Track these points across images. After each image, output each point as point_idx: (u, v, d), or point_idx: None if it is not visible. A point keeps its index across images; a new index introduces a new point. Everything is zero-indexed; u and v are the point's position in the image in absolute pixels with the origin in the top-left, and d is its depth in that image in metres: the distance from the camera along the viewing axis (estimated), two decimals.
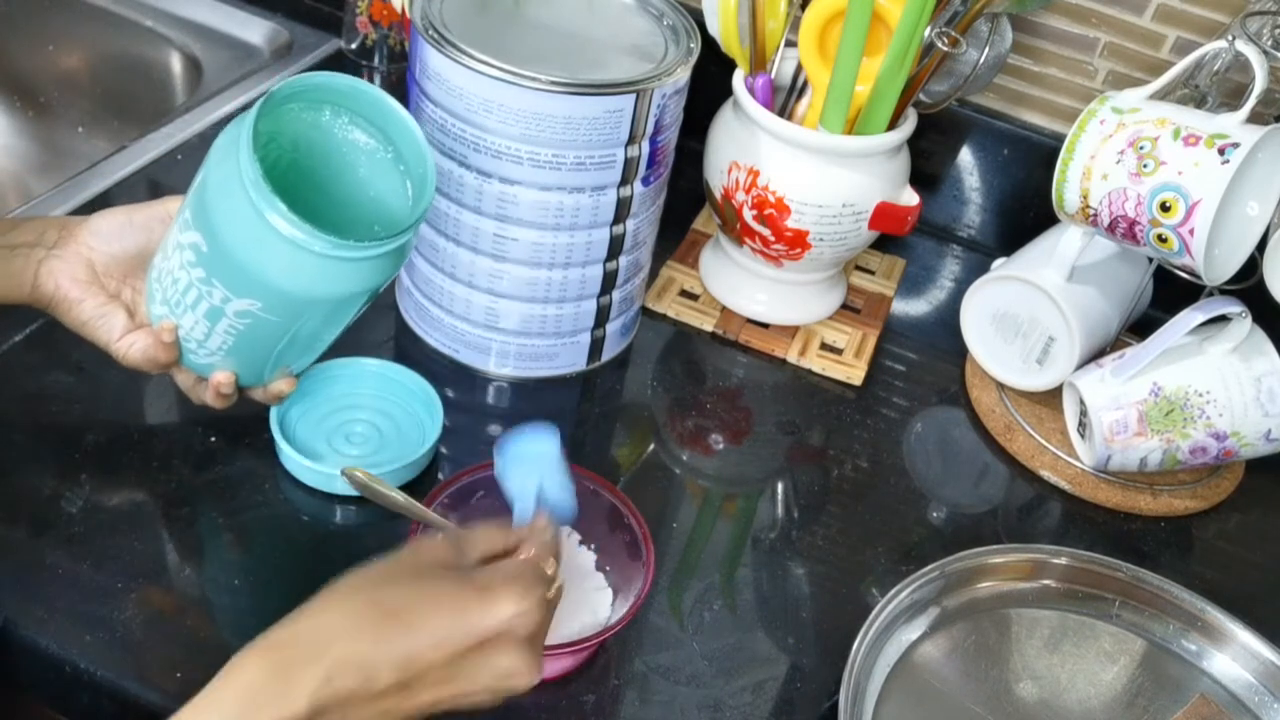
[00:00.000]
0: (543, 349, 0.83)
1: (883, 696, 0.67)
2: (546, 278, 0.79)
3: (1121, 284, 0.89)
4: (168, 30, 1.14)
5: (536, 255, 0.77)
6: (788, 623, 0.71)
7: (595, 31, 0.78)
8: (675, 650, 0.68)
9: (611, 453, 0.81)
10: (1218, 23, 0.93)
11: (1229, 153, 0.73)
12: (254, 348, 0.66)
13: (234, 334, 0.64)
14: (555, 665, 0.65)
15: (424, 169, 0.64)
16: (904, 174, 0.87)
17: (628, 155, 0.74)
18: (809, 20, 0.83)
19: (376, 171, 0.67)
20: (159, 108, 1.13)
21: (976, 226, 1.08)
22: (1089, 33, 0.98)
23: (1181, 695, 0.71)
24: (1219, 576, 0.81)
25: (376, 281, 0.63)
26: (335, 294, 0.62)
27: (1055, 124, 1.03)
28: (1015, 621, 0.74)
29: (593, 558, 0.69)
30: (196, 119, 1.02)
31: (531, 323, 0.81)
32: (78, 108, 1.19)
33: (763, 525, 0.78)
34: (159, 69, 1.15)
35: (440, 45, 0.71)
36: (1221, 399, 0.78)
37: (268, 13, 1.16)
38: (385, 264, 0.62)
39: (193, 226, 0.62)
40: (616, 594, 0.67)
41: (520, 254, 0.77)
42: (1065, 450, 0.86)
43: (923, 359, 0.95)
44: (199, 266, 0.62)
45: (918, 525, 0.80)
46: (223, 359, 0.67)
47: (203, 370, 0.68)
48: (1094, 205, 0.79)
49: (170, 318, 0.66)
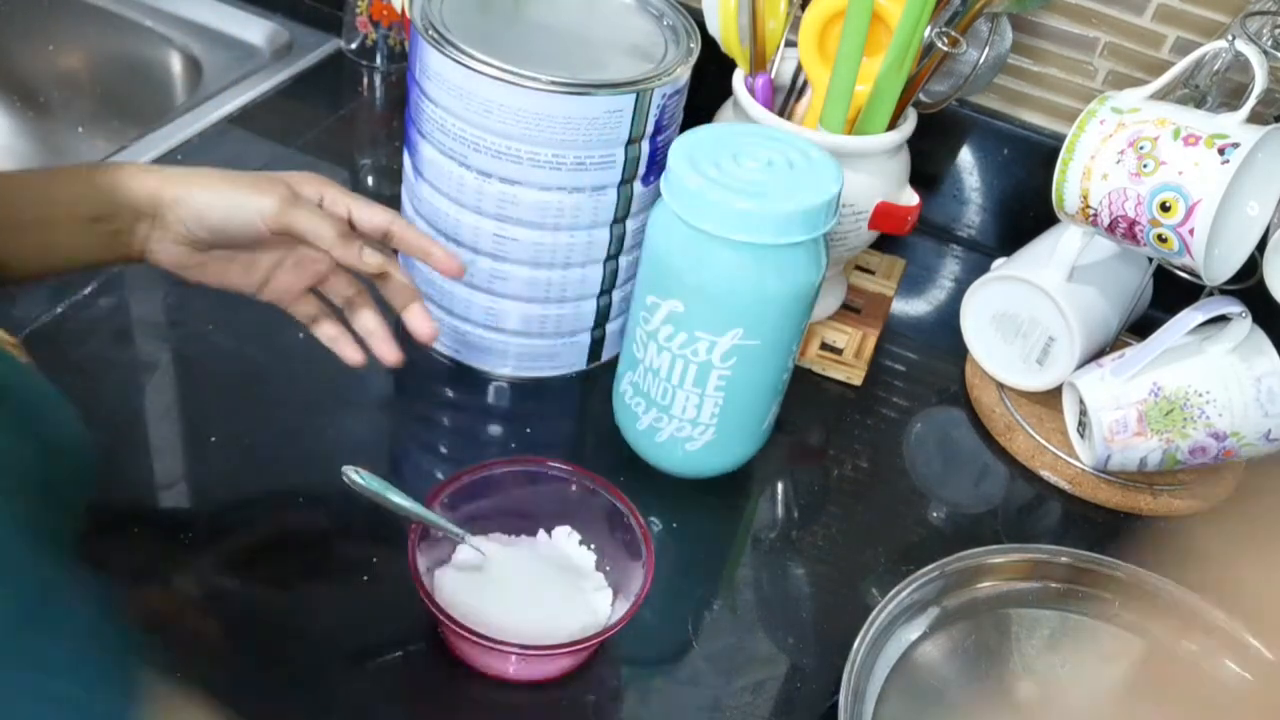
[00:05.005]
0: (543, 349, 0.83)
1: (883, 696, 0.67)
2: (546, 277, 0.79)
3: (1121, 284, 0.89)
4: (168, 30, 1.14)
5: (536, 255, 0.77)
6: (788, 623, 0.71)
7: (595, 31, 0.78)
8: (675, 650, 0.68)
9: (611, 452, 0.81)
10: (1218, 23, 0.93)
11: (1229, 153, 0.73)
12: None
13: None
14: (555, 665, 0.65)
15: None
16: (904, 174, 0.87)
17: (628, 155, 0.74)
18: (809, 20, 0.83)
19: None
20: (159, 108, 1.13)
21: (976, 226, 1.08)
22: (1089, 33, 0.98)
23: (1182, 695, 0.71)
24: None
25: None
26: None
27: (1055, 124, 1.03)
28: (1015, 621, 0.74)
29: (593, 558, 0.69)
30: (196, 119, 1.02)
31: (532, 323, 0.81)
32: (78, 108, 1.20)
33: (763, 525, 0.78)
34: (159, 69, 1.15)
35: (440, 45, 0.71)
36: (1221, 399, 0.78)
37: (268, 13, 1.16)
38: None
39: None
40: (616, 594, 0.67)
41: (520, 254, 0.77)
42: (1065, 450, 0.86)
43: (923, 359, 0.95)
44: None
45: (918, 525, 0.80)
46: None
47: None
48: (1094, 205, 0.79)
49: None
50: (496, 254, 0.77)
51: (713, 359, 0.70)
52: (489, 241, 0.77)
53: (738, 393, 0.72)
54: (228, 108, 1.04)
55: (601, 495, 0.68)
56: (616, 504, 0.68)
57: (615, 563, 0.68)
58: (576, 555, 0.69)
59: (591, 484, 0.69)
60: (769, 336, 0.70)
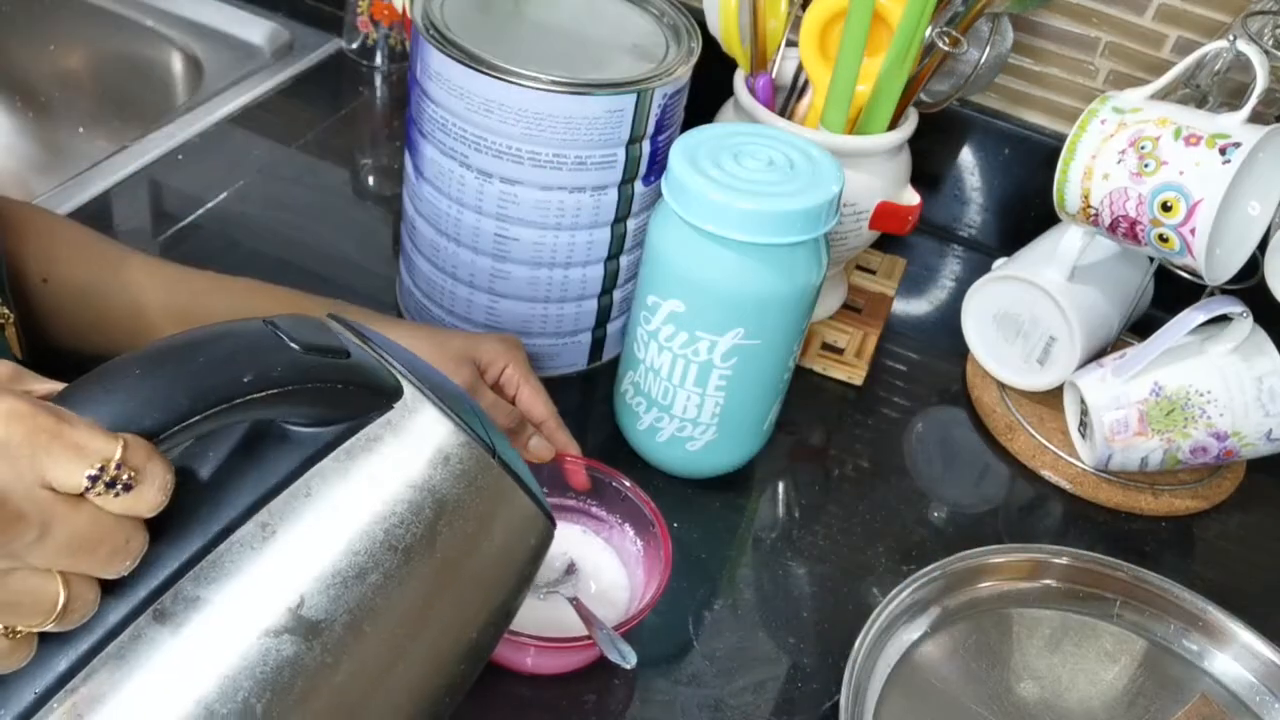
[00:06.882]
0: (543, 348, 0.83)
1: (883, 696, 0.67)
2: (547, 277, 0.79)
3: (1122, 284, 0.89)
4: (168, 30, 1.14)
5: (537, 255, 0.77)
6: (788, 622, 0.71)
7: (596, 31, 0.78)
8: (676, 650, 0.68)
9: (612, 452, 0.81)
10: (1219, 22, 0.93)
11: (1230, 152, 0.73)
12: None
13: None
14: (561, 661, 0.65)
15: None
16: (905, 174, 0.87)
17: (629, 155, 0.74)
18: (810, 20, 0.83)
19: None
20: (160, 107, 1.13)
21: (977, 226, 1.08)
22: (1090, 32, 0.98)
23: (1183, 695, 0.71)
24: (1220, 576, 0.81)
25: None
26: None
27: (1056, 124, 1.03)
28: (1016, 621, 0.74)
29: (615, 555, 0.70)
30: (197, 119, 1.02)
31: (532, 322, 0.81)
32: (78, 107, 1.20)
33: (763, 525, 0.78)
34: (160, 69, 1.15)
35: (441, 45, 0.71)
36: (1222, 399, 0.78)
37: (269, 12, 1.17)
38: None
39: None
40: (630, 589, 0.68)
41: (521, 253, 0.77)
42: (1066, 450, 0.86)
43: (924, 359, 0.95)
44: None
45: (918, 525, 0.80)
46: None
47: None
48: (1095, 205, 0.79)
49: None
50: (497, 254, 0.77)
51: (713, 359, 0.70)
52: (489, 241, 0.77)
53: (738, 392, 0.72)
54: (228, 108, 1.04)
55: (624, 493, 0.69)
56: (637, 502, 0.69)
57: (630, 557, 0.69)
58: (599, 553, 0.70)
59: (612, 481, 0.70)
60: (770, 336, 0.70)
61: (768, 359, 0.71)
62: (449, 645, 0.45)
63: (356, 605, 0.40)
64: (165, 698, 0.38)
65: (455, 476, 0.43)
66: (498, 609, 0.47)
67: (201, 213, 0.93)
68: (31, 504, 0.34)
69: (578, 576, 0.68)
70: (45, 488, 0.34)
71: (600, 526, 0.71)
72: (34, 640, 0.37)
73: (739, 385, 0.72)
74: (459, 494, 0.43)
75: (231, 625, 0.39)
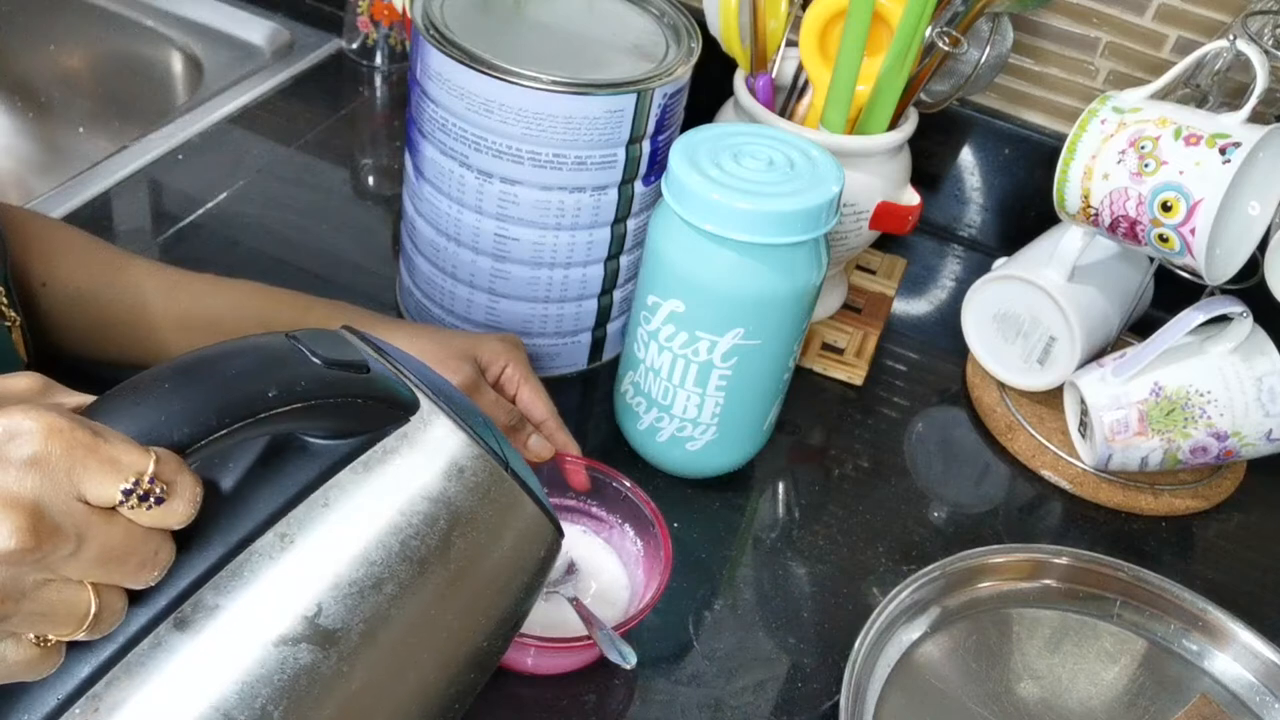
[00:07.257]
0: (543, 348, 0.83)
1: (883, 696, 0.67)
2: (547, 277, 0.79)
3: (1122, 284, 0.89)
4: (168, 30, 1.14)
5: (537, 255, 0.77)
6: (788, 622, 0.71)
7: (596, 31, 0.78)
8: (676, 650, 0.68)
9: (612, 452, 0.81)
10: (1219, 22, 0.93)
11: (1230, 152, 0.73)
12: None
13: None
14: (561, 661, 0.65)
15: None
16: (905, 173, 0.87)
17: (629, 155, 0.74)
18: (810, 20, 0.83)
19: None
20: (160, 107, 1.13)
21: (977, 226, 1.08)
22: (1090, 32, 0.98)
23: (1183, 695, 0.71)
24: (1220, 576, 0.81)
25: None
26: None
27: (1056, 124, 1.03)
28: (1016, 621, 0.74)
29: (615, 555, 0.70)
30: (197, 119, 1.02)
31: (532, 322, 0.81)
32: (78, 108, 1.20)
33: (763, 525, 0.78)
34: (160, 69, 1.15)
35: (441, 45, 0.71)
36: (1222, 399, 0.78)
37: (269, 12, 1.17)
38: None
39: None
40: (630, 589, 0.68)
41: (521, 253, 0.77)
42: (1066, 450, 0.86)
43: (924, 359, 0.95)
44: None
45: (918, 525, 0.80)
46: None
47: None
48: (1095, 205, 0.79)
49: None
50: (497, 254, 0.77)
51: (713, 359, 0.70)
52: (489, 241, 0.77)
53: (738, 392, 0.72)
54: (228, 107, 1.04)
55: (625, 493, 0.69)
56: (638, 503, 0.69)
57: (630, 557, 0.69)
58: (599, 554, 0.70)
59: (613, 481, 0.70)
60: (770, 336, 0.70)
61: (768, 359, 0.71)
62: (460, 653, 0.45)
63: (372, 614, 0.41)
64: (184, 704, 0.38)
65: (469, 489, 0.44)
66: (507, 618, 0.47)
67: (201, 213, 0.93)
68: (67, 517, 0.34)
69: (578, 576, 0.68)
70: (80, 501, 0.34)
71: (600, 526, 0.71)
72: (63, 649, 0.37)
73: (739, 385, 0.72)
74: (472, 505, 0.44)
75: (250, 633, 0.39)
